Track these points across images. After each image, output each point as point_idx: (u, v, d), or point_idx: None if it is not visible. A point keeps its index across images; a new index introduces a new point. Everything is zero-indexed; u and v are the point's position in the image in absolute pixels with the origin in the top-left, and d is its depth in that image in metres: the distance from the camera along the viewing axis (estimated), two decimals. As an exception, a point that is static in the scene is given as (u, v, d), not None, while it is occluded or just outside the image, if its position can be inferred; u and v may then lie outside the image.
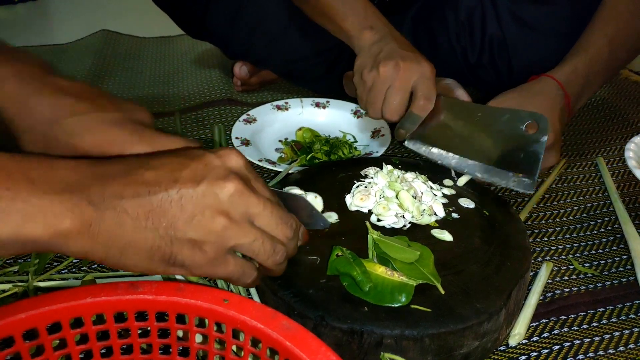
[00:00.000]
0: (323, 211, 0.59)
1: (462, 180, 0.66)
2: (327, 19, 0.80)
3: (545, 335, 0.53)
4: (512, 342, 0.51)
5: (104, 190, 0.35)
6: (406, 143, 0.72)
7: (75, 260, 0.60)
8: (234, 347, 0.38)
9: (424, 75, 0.69)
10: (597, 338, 0.53)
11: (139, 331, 0.39)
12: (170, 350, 0.40)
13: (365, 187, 0.61)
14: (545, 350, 0.51)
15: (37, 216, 0.32)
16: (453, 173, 0.68)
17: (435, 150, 0.70)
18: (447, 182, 0.66)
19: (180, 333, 0.40)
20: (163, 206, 0.36)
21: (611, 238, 0.67)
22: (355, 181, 0.63)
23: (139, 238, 0.36)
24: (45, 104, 0.43)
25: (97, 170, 0.36)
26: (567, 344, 0.52)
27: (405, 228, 0.57)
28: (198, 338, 0.39)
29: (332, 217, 0.58)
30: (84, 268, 0.59)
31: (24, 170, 0.33)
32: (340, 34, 0.79)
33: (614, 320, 0.55)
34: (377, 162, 0.67)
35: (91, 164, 0.36)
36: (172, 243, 0.37)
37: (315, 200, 0.60)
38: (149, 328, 0.39)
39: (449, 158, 0.68)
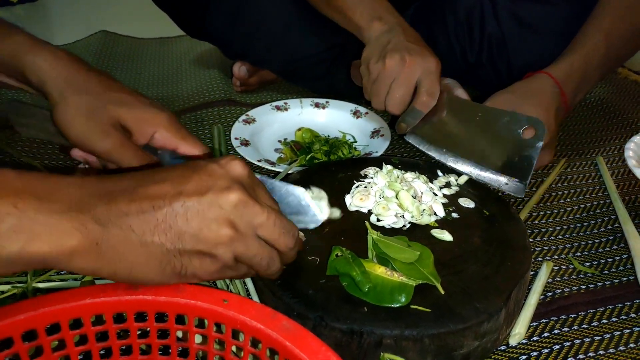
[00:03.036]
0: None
1: (461, 180, 0.66)
2: (336, 11, 0.80)
3: (545, 334, 0.53)
4: (513, 341, 0.51)
5: (110, 208, 0.35)
6: (406, 137, 0.73)
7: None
8: (233, 348, 0.38)
9: (429, 71, 0.69)
10: (598, 337, 0.53)
11: (138, 332, 0.39)
12: (170, 350, 0.40)
13: (365, 187, 0.61)
14: (546, 350, 0.51)
15: (44, 234, 0.32)
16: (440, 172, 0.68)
17: (433, 146, 0.70)
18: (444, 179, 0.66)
19: (179, 334, 0.40)
20: (168, 221, 0.36)
21: (611, 237, 0.67)
22: (354, 181, 0.63)
23: (147, 254, 0.36)
24: (97, 80, 0.52)
25: (103, 188, 0.36)
26: (568, 343, 0.52)
27: (405, 228, 0.57)
28: (197, 339, 0.39)
29: (335, 213, 0.58)
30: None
31: (31, 188, 0.33)
32: (349, 26, 0.79)
33: (614, 319, 0.55)
34: (377, 162, 0.67)
35: (97, 181, 0.36)
36: (182, 256, 0.37)
37: (320, 194, 0.59)
38: (148, 329, 0.39)
39: (446, 155, 0.68)
